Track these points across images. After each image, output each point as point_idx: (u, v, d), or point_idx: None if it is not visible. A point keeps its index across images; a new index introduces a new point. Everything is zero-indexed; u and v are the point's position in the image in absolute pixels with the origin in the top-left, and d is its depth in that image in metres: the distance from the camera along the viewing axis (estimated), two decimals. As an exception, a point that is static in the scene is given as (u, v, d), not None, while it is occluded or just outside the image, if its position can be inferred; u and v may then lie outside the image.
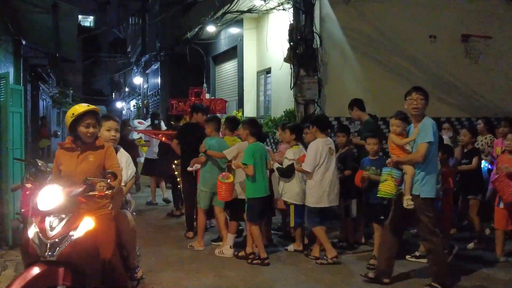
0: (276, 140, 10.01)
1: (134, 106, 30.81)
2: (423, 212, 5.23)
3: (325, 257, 6.30)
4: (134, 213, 5.12)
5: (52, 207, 3.79)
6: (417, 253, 6.37)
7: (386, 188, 5.45)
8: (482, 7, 10.68)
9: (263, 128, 10.55)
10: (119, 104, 39.41)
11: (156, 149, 10.67)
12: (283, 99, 10.71)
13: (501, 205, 6.30)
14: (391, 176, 5.37)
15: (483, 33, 10.60)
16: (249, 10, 11.42)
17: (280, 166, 6.80)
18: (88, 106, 4.23)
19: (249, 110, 13.09)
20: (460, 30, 10.58)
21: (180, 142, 7.83)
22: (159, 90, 22.14)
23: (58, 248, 3.68)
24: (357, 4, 9.81)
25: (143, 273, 5.12)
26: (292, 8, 9.73)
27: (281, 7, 10.55)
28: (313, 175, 6.34)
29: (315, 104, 9.50)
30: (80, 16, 48.02)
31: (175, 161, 8.87)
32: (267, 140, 10.44)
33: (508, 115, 10.43)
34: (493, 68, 10.79)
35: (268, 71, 12.25)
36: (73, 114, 4.12)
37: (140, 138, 11.60)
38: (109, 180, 3.93)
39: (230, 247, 6.65)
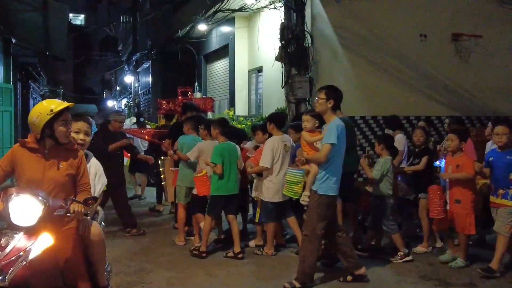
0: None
1: (125, 105, 30.68)
2: (315, 210, 5.28)
3: (261, 249, 6.58)
4: (103, 223, 4.51)
5: (33, 222, 3.30)
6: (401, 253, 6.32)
7: (298, 190, 5.72)
8: (472, 6, 10.73)
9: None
10: (110, 103, 39.24)
11: (141, 147, 10.80)
12: (274, 97, 10.72)
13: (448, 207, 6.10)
14: (304, 180, 5.59)
15: (473, 32, 10.66)
16: (241, 9, 11.43)
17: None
18: (63, 101, 3.73)
19: (241, 109, 13.09)
20: (451, 29, 10.62)
21: (172, 141, 7.85)
22: (150, 89, 22.08)
23: (10, 271, 3.12)
24: (348, 2, 9.82)
25: None
26: (283, 7, 9.74)
27: (272, 6, 10.57)
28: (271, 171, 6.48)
29: (307, 103, 9.51)
30: (70, 15, 47.68)
31: (162, 157, 8.98)
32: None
33: (498, 114, 10.54)
34: (483, 67, 10.84)
35: (259, 69, 12.25)
36: (51, 110, 3.58)
37: None
38: (91, 206, 3.59)
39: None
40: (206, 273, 5.86)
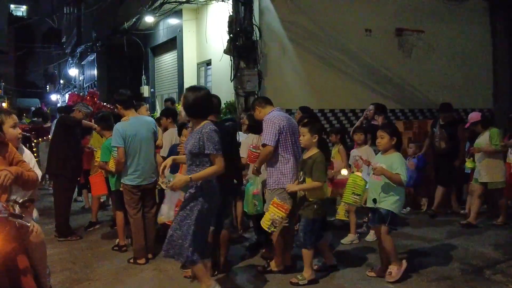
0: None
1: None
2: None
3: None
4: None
5: None
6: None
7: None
8: (415, 2, 11.07)
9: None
10: (54, 97, 38.04)
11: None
12: (223, 91, 10.66)
13: None
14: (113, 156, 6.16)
15: (416, 27, 10.98)
16: (188, 1, 11.31)
17: None
18: None
19: (189, 102, 12.98)
20: (394, 24, 10.91)
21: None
22: (95, 82, 21.60)
23: None
24: (296, -3, 9.93)
25: None
26: (231, 0, 9.71)
27: (220, -2, 10.50)
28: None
29: (255, 96, 9.53)
30: (12, 6, 45.98)
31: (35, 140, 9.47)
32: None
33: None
34: (425, 61, 11.20)
35: (208, 63, 12.18)
36: None
37: None
38: (28, 209, 3.34)
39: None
40: (154, 268, 5.79)
